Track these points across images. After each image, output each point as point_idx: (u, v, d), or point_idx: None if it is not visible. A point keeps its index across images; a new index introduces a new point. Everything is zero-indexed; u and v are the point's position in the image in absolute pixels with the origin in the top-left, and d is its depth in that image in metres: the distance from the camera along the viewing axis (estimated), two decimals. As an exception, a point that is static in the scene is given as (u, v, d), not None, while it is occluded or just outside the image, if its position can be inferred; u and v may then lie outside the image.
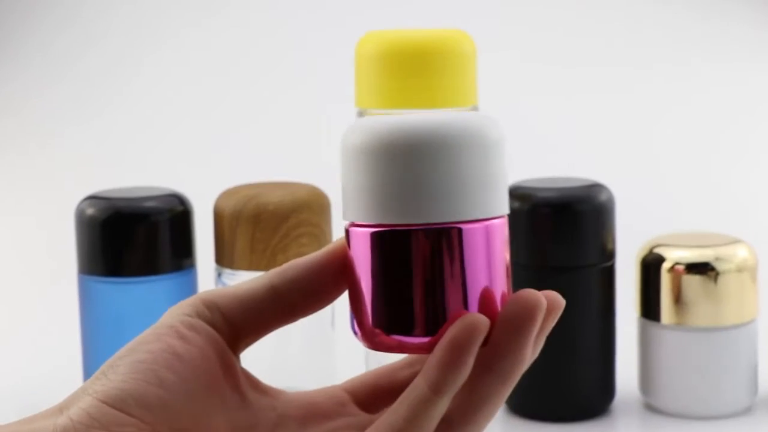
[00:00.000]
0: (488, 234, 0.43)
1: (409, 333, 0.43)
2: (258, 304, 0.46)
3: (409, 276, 0.43)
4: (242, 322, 0.46)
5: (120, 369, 0.43)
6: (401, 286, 0.43)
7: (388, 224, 0.43)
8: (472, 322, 0.41)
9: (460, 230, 0.43)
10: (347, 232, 0.45)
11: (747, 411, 0.85)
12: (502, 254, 0.44)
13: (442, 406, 0.41)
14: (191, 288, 0.86)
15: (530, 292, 0.42)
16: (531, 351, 0.42)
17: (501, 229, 0.44)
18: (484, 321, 0.41)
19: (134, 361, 0.43)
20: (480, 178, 0.43)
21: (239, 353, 0.46)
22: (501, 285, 0.44)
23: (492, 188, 0.44)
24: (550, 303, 0.44)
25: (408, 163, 0.43)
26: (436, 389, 0.41)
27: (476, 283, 0.43)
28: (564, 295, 0.81)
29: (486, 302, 0.43)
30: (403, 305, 0.43)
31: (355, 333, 0.45)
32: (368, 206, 0.43)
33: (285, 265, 0.46)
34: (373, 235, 0.43)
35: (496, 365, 0.42)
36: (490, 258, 0.43)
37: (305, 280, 0.46)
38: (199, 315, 0.45)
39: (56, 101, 1.33)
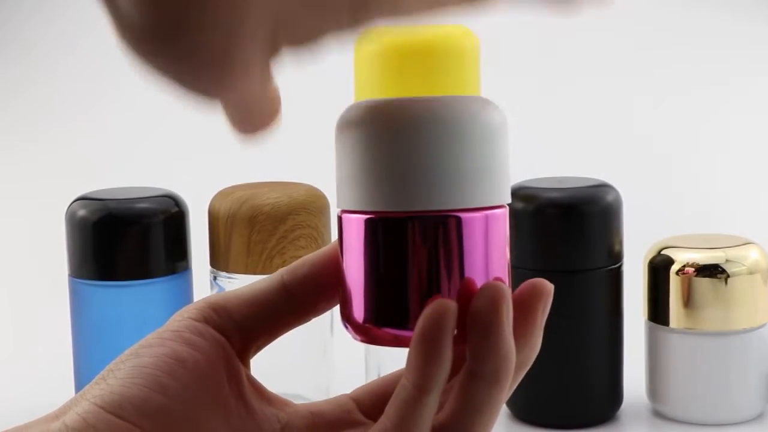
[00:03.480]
0: (488, 224, 0.42)
1: (403, 326, 0.41)
2: (270, 306, 0.45)
3: (405, 266, 0.41)
4: (253, 325, 0.44)
5: (120, 373, 0.42)
6: (395, 277, 0.41)
7: (383, 211, 0.41)
8: (436, 310, 0.39)
9: (458, 219, 0.41)
10: (339, 219, 0.43)
11: (759, 418, 0.84)
12: (503, 245, 0.42)
13: (431, 403, 0.40)
14: (186, 292, 0.84)
15: (492, 285, 0.40)
16: (511, 347, 0.40)
17: (502, 219, 0.42)
18: (449, 306, 0.39)
19: (136, 365, 0.42)
20: (480, 164, 0.41)
21: (249, 358, 0.45)
22: (501, 277, 0.42)
23: (492, 175, 0.42)
24: (535, 290, 0.42)
25: (403, 146, 0.41)
26: (420, 387, 0.39)
27: (474, 275, 0.41)
28: (570, 299, 0.81)
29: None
30: (397, 297, 0.41)
31: (346, 326, 0.43)
32: (361, 192, 0.41)
33: (295, 263, 0.45)
34: (367, 222, 0.42)
35: (479, 370, 0.40)
36: (489, 249, 0.42)
37: (317, 276, 0.45)
38: (206, 320, 0.44)
39: (46, 99, 1.32)
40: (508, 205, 0.43)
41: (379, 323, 0.42)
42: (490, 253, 0.41)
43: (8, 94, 1.34)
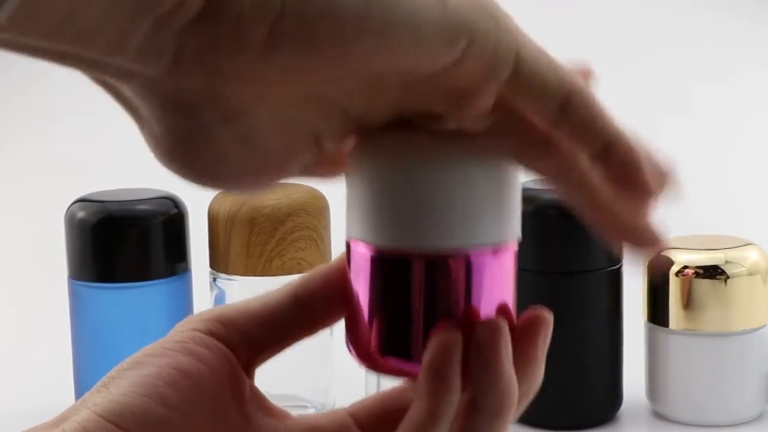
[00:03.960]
0: (497, 263, 0.41)
1: (408, 359, 0.41)
2: (279, 320, 0.44)
3: (410, 303, 0.41)
4: (261, 339, 0.44)
5: (122, 382, 0.42)
6: (402, 313, 0.41)
7: (391, 248, 0.41)
8: (442, 342, 0.40)
9: (467, 258, 0.40)
10: (348, 245, 0.43)
11: (759, 419, 0.84)
12: (510, 282, 0.42)
13: (441, 430, 0.40)
14: (185, 294, 0.84)
15: (490, 320, 0.40)
16: (512, 380, 0.40)
17: (510, 256, 0.42)
18: (454, 338, 0.40)
19: (138, 374, 0.42)
20: (489, 200, 0.40)
21: (254, 370, 0.45)
22: (507, 314, 0.42)
23: (502, 211, 0.41)
24: (535, 321, 0.42)
25: (412, 181, 0.40)
26: (430, 416, 0.40)
27: (480, 312, 0.41)
28: (570, 300, 0.81)
29: None
30: (403, 332, 0.41)
31: (350, 351, 0.43)
32: (370, 225, 0.41)
33: (307, 275, 0.45)
34: (374, 258, 0.41)
35: (481, 403, 0.40)
36: (497, 288, 0.41)
37: (328, 289, 0.44)
38: (211, 332, 0.44)
39: (46, 100, 1.32)
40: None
41: (383, 353, 0.41)
42: (496, 290, 0.41)
43: (8, 95, 1.34)
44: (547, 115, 0.38)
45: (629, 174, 0.39)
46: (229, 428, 0.43)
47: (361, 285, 0.42)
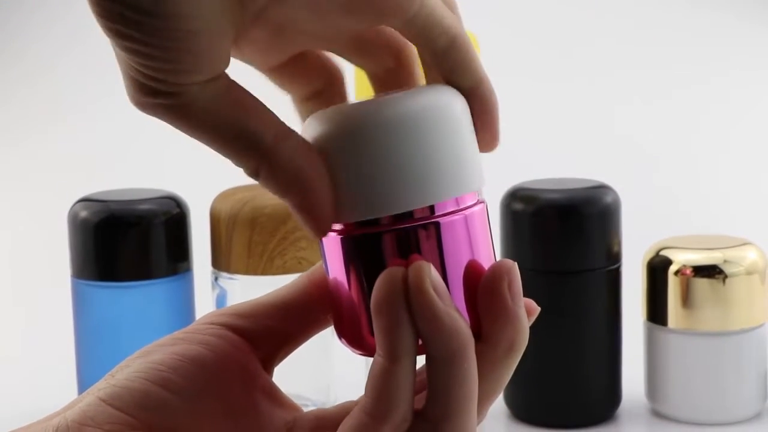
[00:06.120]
0: (468, 224, 0.41)
1: None
2: (296, 310, 0.45)
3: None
4: (280, 330, 0.45)
5: (128, 369, 0.43)
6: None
7: (359, 224, 0.41)
8: (385, 278, 0.40)
9: (437, 224, 0.40)
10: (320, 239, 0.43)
11: (757, 417, 0.84)
12: (485, 243, 0.42)
13: (405, 372, 0.40)
14: (187, 293, 0.84)
15: (414, 264, 0.40)
16: (453, 322, 0.40)
17: (481, 216, 0.42)
18: (393, 273, 0.40)
19: (144, 361, 0.43)
20: (447, 154, 0.40)
21: (275, 363, 0.46)
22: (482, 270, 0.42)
23: (461, 163, 0.41)
24: (496, 269, 0.41)
25: (357, 152, 0.40)
26: (389, 356, 0.40)
27: (459, 278, 0.41)
28: (569, 300, 0.81)
29: (472, 295, 0.41)
30: None
31: (341, 340, 0.43)
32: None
33: (317, 266, 0.45)
34: (344, 240, 0.41)
35: (430, 351, 0.40)
36: (472, 249, 0.41)
37: None
38: (227, 324, 0.44)
39: (48, 101, 1.32)
40: (485, 201, 0.42)
41: (371, 333, 0.41)
42: (473, 251, 0.41)
43: (8, 95, 1.34)
44: (434, 52, 0.42)
45: (487, 111, 0.43)
46: (234, 415, 0.44)
47: (338, 273, 0.42)
